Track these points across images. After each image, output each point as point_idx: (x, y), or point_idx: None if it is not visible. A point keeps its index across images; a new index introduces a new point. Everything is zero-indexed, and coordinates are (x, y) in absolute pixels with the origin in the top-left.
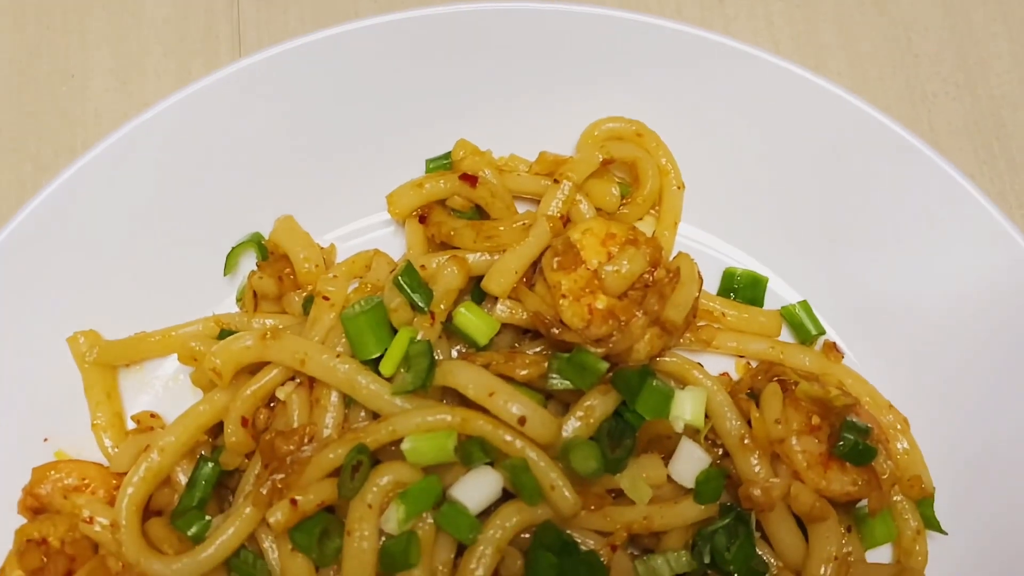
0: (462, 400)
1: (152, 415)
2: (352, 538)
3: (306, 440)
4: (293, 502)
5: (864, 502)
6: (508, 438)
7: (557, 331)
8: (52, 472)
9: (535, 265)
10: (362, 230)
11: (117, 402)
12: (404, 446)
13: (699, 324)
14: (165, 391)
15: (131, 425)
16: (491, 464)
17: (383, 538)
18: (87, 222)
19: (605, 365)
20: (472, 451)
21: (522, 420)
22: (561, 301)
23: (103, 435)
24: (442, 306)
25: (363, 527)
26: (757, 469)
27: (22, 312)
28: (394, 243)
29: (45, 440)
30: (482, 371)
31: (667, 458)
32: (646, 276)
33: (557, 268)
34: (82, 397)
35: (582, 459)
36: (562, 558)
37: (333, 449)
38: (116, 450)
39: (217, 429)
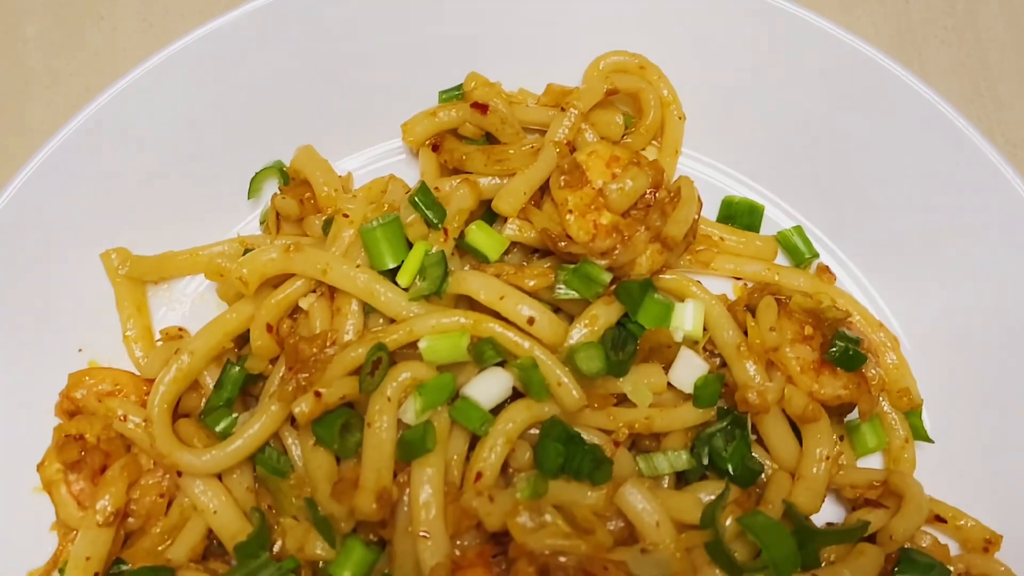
0: (475, 309)
1: (180, 329)
2: (372, 429)
3: (328, 344)
4: (317, 394)
5: (854, 415)
6: (517, 339)
7: (564, 244)
8: (87, 378)
9: (542, 190)
10: (377, 157)
11: (146, 316)
12: (421, 344)
13: (698, 248)
14: (192, 309)
15: (159, 341)
16: (502, 365)
17: (400, 431)
18: (119, 149)
19: (608, 275)
20: (484, 351)
21: (531, 320)
22: (567, 216)
23: (134, 346)
24: (455, 224)
25: (383, 418)
26: (753, 374)
27: (58, 233)
28: (408, 173)
29: (80, 351)
30: (493, 278)
31: (667, 368)
32: (648, 196)
33: (564, 186)
34: (114, 312)
35: (587, 359)
36: (568, 448)
37: (354, 348)
38: (146, 360)
39: (242, 340)
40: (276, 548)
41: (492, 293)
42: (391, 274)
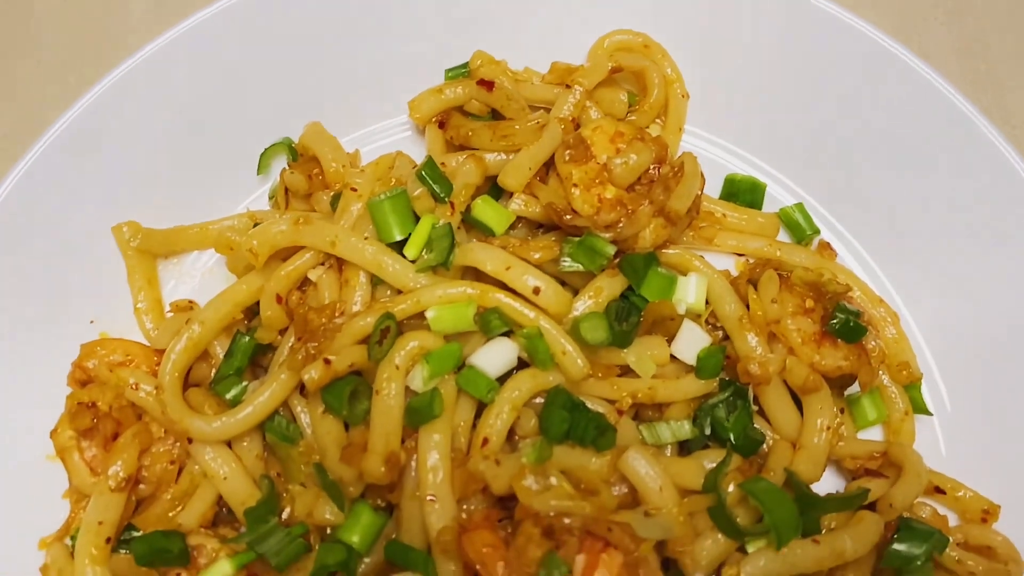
0: (481, 282)
1: (189, 302)
2: (380, 396)
3: (337, 314)
4: (327, 361)
5: (854, 389)
6: (523, 309)
7: (569, 217)
8: (99, 348)
9: (547, 166)
10: (384, 134)
11: (157, 289)
12: (428, 314)
13: (701, 225)
14: (201, 283)
15: (169, 314)
16: (508, 335)
17: (408, 399)
18: (131, 125)
19: (612, 248)
20: (490, 320)
21: (536, 290)
22: (572, 190)
23: (144, 318)
24: (461, 198)
25: (391, 386)
26: (754, 346)
27: (71, 208)
28: (414, 151)
29: (91, 322)
30: (499, 250)
31: (670, 341)
32: (652, 172)
33: (569, 160)
34: (125, 286)
35: (591, 329)
36: (573, 415)
37: (363, 317)
38: (157, 332)
39: (251, 313)
40: (284, 515)
41: (498, 264)
42: (398, 248)
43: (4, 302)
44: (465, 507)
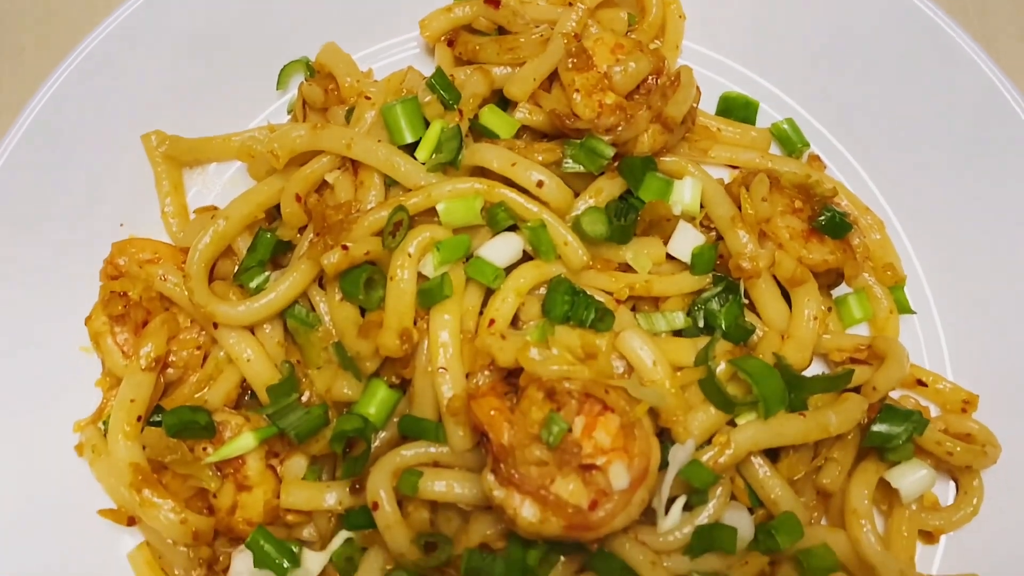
0: None
1: (213, 207)
2: (394, 281)
3: (354, 211)
4: (345, 248)
5: (842, 291)
6: (527, 204)
7: (571, 121)
8: (130, 247)
9: (550, 80)
10: (394, 51)
11: (182, 195)
12: (439, 208)
13: (696, 139)
14: (223, 191)
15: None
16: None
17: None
18: (158, 45)
19: (612, 150)
20: (497, 213)
21: (540, 183)
22: (574, 96)
23: (171, 221)
24: (469, 105)
25: (403, 272)
26: (745, 242)
27: (102, 119)
28: (424, 70)
29: (121, 225)
30: (506, 149)
31: (667, 243)
32: (650, 82)
33: (571, 68)
34: (152, 192)
35: (591, 223)
36: (574, 299)
37: (377, 211)
38: (182, 234)
39: (272, 216)
40: (304, 399)
41: (504, 161)
42: (410, 153)
43: (41, 207)
44: (473, 382)
